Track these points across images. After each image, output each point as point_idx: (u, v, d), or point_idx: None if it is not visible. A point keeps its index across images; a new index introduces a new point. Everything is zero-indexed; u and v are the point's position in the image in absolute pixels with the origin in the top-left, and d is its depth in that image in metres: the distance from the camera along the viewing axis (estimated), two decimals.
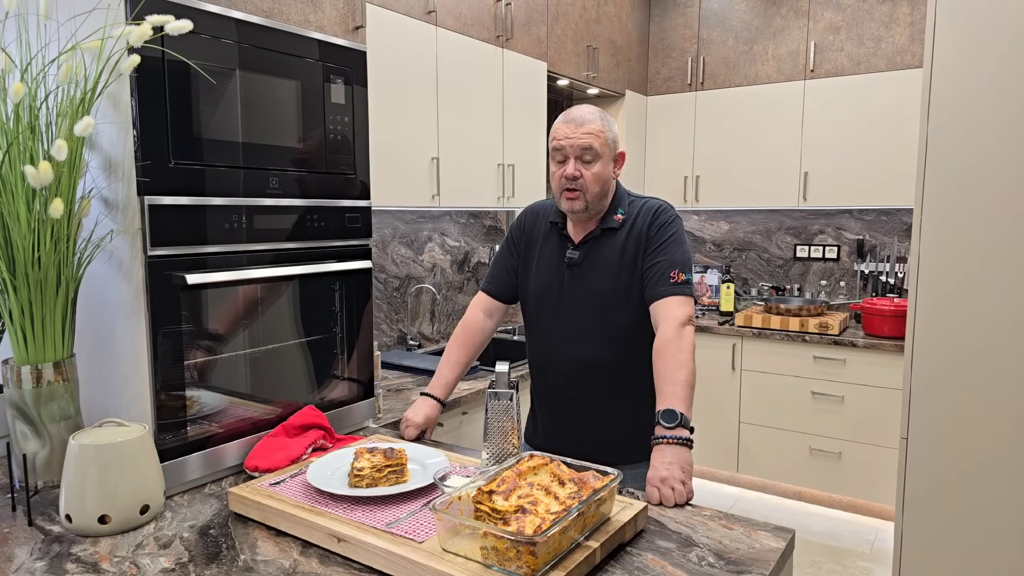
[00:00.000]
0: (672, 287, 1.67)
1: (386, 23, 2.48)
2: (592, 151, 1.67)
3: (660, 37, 4.39)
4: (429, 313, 3.35)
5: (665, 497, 1.43)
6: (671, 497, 1.43)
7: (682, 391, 1.56)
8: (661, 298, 1.68)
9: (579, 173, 1.68)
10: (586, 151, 1.67)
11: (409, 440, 1.80)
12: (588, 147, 1.66)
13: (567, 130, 1.68)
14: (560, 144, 1.69)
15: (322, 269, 1.79)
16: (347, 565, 1.20)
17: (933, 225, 1.97)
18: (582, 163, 1.68)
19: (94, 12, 1.43)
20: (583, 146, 1.66)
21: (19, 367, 1.45)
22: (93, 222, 1.53)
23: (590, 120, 1.68)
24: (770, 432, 3.81)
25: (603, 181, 1.70)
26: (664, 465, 1.47)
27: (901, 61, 3.65)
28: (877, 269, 4.00)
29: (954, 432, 1.98)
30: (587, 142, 1.66)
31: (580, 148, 1.67)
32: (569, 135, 1.68)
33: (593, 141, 1.66)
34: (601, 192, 1.72)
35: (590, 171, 1.68)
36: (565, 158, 1.69)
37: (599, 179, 1.69)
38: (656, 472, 1.46)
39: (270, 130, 1.67)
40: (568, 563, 1.11)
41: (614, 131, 1.73)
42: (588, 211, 1.73)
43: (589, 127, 1.67)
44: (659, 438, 1.51)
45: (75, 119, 1.39)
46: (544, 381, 1.88)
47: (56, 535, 1.31)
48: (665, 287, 1.68)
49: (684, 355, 1.60)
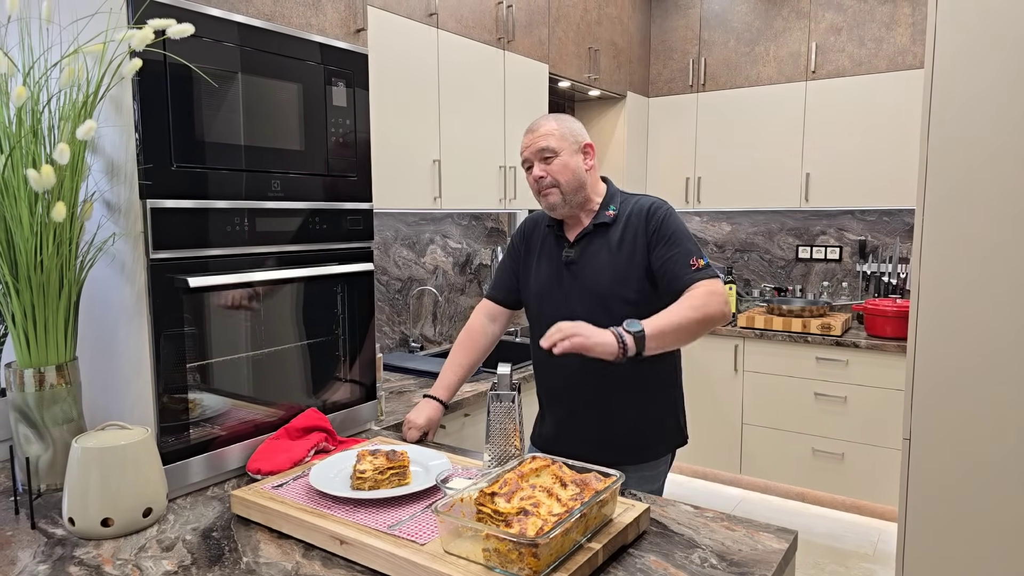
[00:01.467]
0: (696, 273, 1.69)
1: (387, 26, 2.48)
2: (549, 149, 1.76)
3: (661, 39, 4.39)
4: (431, 315, 3.35)
5: (549, 334, 1.52)
6: (554, 335, 1.51)
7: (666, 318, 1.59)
8: (688, 286, 1.68)
9: (543, 172, 1.77)
10: (544, 151, 1.77)
11: (411, 442, 1.80)
12: (544, 147, 1.76)
13: (526, 140, 1.81)
14: (524, 155, 1.81)
15: (324, 272, 1.79)
16: (350, 567, 1.20)
17: (935, 225, 1.97)
18: (545, 163, 1.77)
19: (96, 16, 1.43)
20: (540, 148, 1.77)
21: (22, 370, 1.45)
22: (95, 225, 1.54)
23: (543, 124, 1.79)
24: (773, 433, 3.80)
25: (571, 171, 1.77)
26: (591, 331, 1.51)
27: (902, 62, 3.65)
28: (879, 270, 4.00)
29: (957, 433, 1.97)
30: (542, 143, 1.77)
31: (538, 150, 1.77)
32: (528, 144, 1.80)
33: (548, 141, 1.76)
34: (574, 181, 1.78)
35: (553, 166, 1.77)
36: (531, 164, 1.80)
37: (565, 169, 1.77)
38: (581, 326, 1.52)
39: (272, 133, 1.68)
40: (570, 565, 1.11)
41: (571, 127, 1.81)
42: (567, 203, 1.79)
43: (542, 130, 1.78)
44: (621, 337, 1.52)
45: (77, 123, 1.39)
46: (548, 381, 1.90)
47: (59, 538, 1.32)
48: (690, 275, 1.69)
49: (695, 300, 1.62)
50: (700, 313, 1.60)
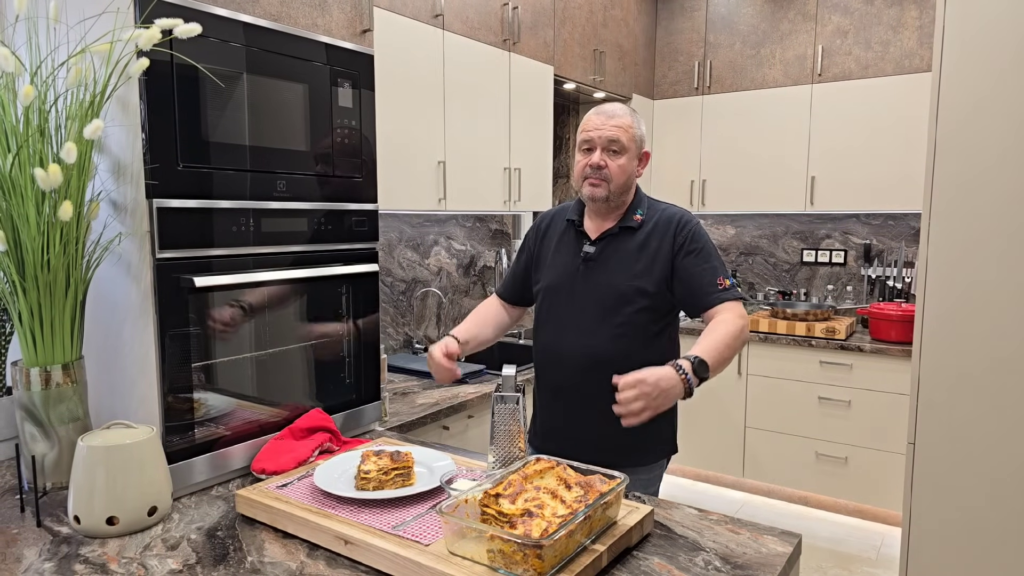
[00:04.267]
0: (723, 292, 1.71)
1: (393, 27, 2.49)
2: (619, 143, 1.73)
3: (667, 41, 4.39)
4: (435, 317, 3.35)
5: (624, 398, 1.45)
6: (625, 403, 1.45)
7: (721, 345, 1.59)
8: (715, 305, 1.71)
9: (604, 163, 1.73)
10: (613, 143, 1.72)
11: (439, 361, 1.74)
12: (615, 139, 1.72)
13: (597, 121, 1.74)
14: (589, 135, 1.74)
15: (329, 272, 1.79)
16: (354, 567, 1.20)
17: (941, 230, 1.96)
18: (608, 154, 1.73)
19: (103, 16, 1.44)
20: (611, 137, 1.72)
21: (28, 369, 1.45)
22: (102, 225, 1.54)
23: (620, 115, 1.74)
24: (776, 437, 3.79)
25: (627, 174, 1.76)
26: (655, 380, 1.46)
27: (909, 65, 3.64)
28: (884, 274, 3.99)
29: (962, 437, 1.97)
30: (615, 134, 1.72)
31: (608, 139, 1.72)
32: (599, 126, 1.73)
33: (621, 135, 1.72)
34: (624, 185, 1.76)
35: (616, 162, 1.73)
36: (592, 147, 1.74)
37: (624, 171, 1.74)
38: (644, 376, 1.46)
39: (278, 133, 1.68)
40: (574, 567, 1.11)
41: (642, 130, 1.78)
42: (609, 201, 1.77)
43: (619, 120, 1.73)
44: (680, 367, 1.52)
45: (84, 122, 1.40)
46: (549, 377, 1.89)
47: (64, 536, 1.32)
48: (717, 294, 1.71)
49: (732, 327, 1.63)
50: (740, 342, 1.64)
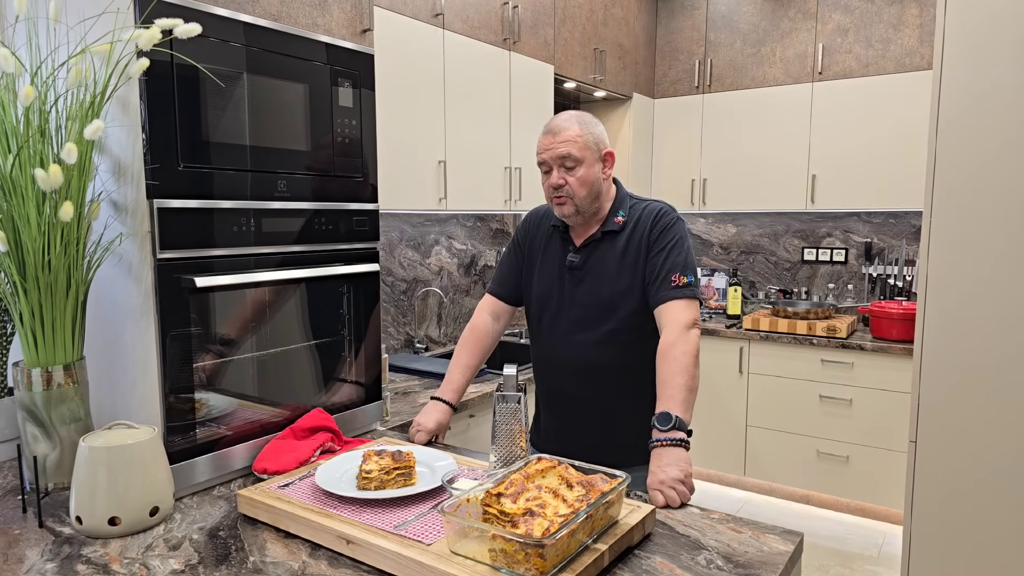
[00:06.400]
0: (674, 290, 1.69)
1: (394, 26, 2.49)
2: (572, 158, 1.69)
3: (667, 40, 4.38)
4: (436, 316, 3.35)
5: (670, 499, 1.43)
6: (675, 498, 1.43)
7: (679, 395, 1.57)
8: (664, 302, 1.69)
9: (563, 181, 1.71)
10: (566, 159, 1.70)
11: (419, 444, 1.79)
12: (567, 155, 1.69)
13: (546, 141, 1.73)
14: (542, 157, 1.74)
15: (330, 272, 1.79)
16: (356, 567, 1.20)
17: (942, 228, 1.96)
18: (565, 170, 1.71)
19: (103, 16, 1.44)
20: (562, 154, 1.69)
21: (29, 369, 1.45)
22: (102, 225, 1.54)
23: (566, 127, 1.70)
24: (778, 435, 3.79)
25: (589, 184, 1.72)
26: (662, 468, 1.47)
27: (910, 63, 3.64)
28: (885, 272, 3.99)
29: (964, 436, 1.96)
30: (565, 150, 1.69)
31: (559, 157, 1.70)
32: (548, 146, 1.71)
33: (571, 148, 1.69)
34: (590, 195, 1.73)
35: (574, 176, 1.71)
36: (549, 168, 1.73)
37: (584, 183, 1.71)
38: (655, 476, 1.47)
39: (278, 133, 1.68)
40: (576, 566, 1.11)
41: (595, 132, 1.73)
42: (580, 215, 1.75)
43: (565, 135, 1.70)
44: (655, 441, 1.52)
45: (84, 122, 1.40)
46: (547, 383, 1.89)
47: (66, 537, 1.32)
48: (667, 291, 1.69)
49: (685, 359, 1.60)
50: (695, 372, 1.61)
